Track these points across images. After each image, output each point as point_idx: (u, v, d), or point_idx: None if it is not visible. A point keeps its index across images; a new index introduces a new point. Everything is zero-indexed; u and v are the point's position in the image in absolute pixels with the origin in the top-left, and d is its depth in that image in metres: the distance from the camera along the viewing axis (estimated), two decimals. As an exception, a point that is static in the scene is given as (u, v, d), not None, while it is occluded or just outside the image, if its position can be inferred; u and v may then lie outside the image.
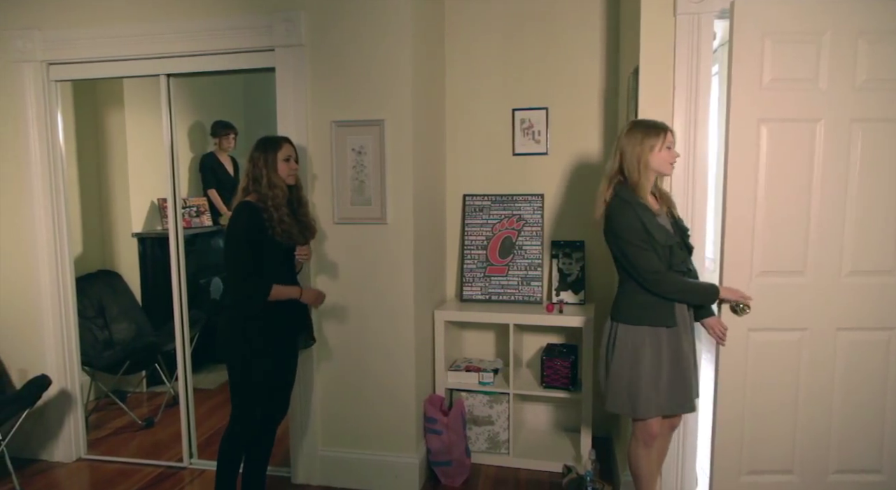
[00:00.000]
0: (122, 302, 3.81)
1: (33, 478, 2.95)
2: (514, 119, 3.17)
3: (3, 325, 3.12)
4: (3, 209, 3.05)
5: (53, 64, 2.94)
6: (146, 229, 3.97)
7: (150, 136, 3.54)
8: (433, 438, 2.81)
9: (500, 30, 3.15)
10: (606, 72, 3.06)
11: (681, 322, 2.12)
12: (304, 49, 2.64)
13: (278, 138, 2.33)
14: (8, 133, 2.99)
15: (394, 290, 2.68)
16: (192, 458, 3.06)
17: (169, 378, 3.71)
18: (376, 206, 2.65)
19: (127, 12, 2.81)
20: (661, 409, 2.12)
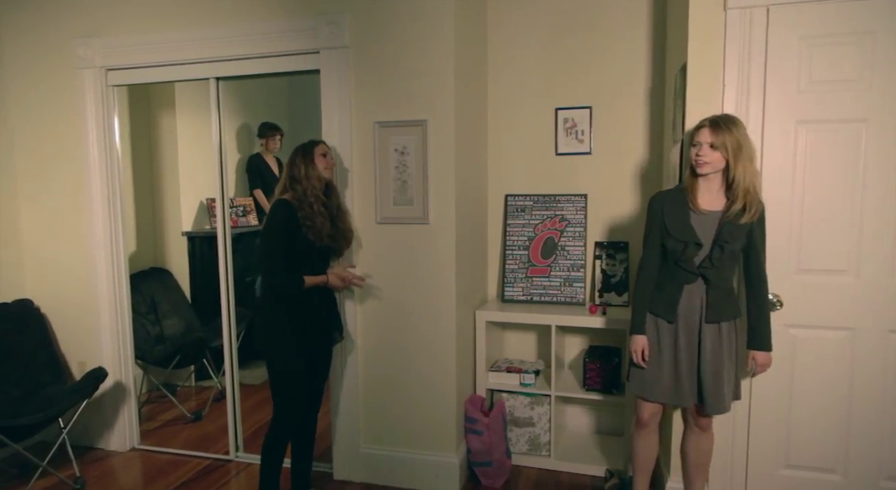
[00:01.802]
0: (172, 298, 3.95)
1: (91, 465, 3.09)
2: (557, 118, 3.14)
3: (64, 319, 3.27)
4: (64, 210, 3.19)
5: (111, 70, 3.06)
6: (195, 228, 4.10)
7: (199, 138, 3.66)
8: (474, 439, 2.81)
9: (543, 28, 3.12)
10: (652, 69, 3.00)
11: (683, 322, 2.14)
12: (348, 51, 2.67)
13: (313, 140, 2.45)
14: (70, 137, 3.13)
15: (436, 290, 2.69)
16: (238, 452, 3.14)
17: (216, 373, 3.82)
18: (418, 206, 2.66)
19: (179, 18, 2.90)
20: (654, 395, 2.22)
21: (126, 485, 2.91)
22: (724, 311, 2.13)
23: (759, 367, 2.17)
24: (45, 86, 3.14)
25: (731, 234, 2.06)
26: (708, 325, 2.12)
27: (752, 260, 2.14)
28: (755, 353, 2.16)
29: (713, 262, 2.08)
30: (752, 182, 2.05)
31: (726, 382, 2.14)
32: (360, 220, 2.74)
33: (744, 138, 2.04)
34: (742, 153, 2.02)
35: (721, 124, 2.03)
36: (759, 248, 2.13)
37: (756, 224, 2.10)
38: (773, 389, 2.36)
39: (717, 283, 2.11)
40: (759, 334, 2.15)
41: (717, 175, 2.08)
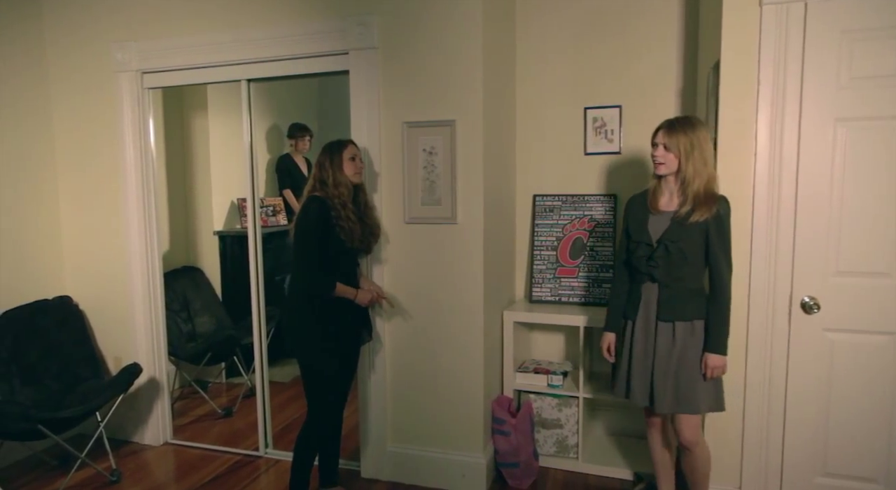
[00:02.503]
0: (204, 296, 4.02)
1: (126, 458, 3.17)
2: (586, 118, 3.11)
3: (102, 316, 3.36)
4: (102, 209, 3.28)
5: (147, 73, 3.13)
6: (226, 228, 4.17)
7: (230, 139, 3.72)
8: (501, 439, 2.80)
9: (573, 27, 3.10)
10: (684, 68, 2.95)
11: (642, 321, 2.20)
12: (377, 52, 2.69)
13: (343, 140, 2.43)
14: (107, 138, 3.21)
15: (463, 290, 2.69)
16: (268, 448, 3.19)
17: (246, 370, 3.88)
18: (446, 205, 2.66)
19: (211, 22, 2.96)
20: (620, 392, 2.30)
21: (160, 478, 2.97)
22: (677, 310, 2.13)
23: (709, 370, 2.11)
24: (85, 89, 3.24)
25: (676, 234, 2.09)
26: (662, 323, 2.16)
27: (709, 262, 2.12)
28: (707, 355, 2.11)
29: (657, 261, 2.13)
30: (704, 183, 2.06)
31: (680, 385, 2.13)
32: (388, 219, 2.75)
33: (699, 140, 2.06)
34: (694, 154, 2.05)
35: (676, 126, 2.09)
36: (717, 250, 2.08)
37: (712, 226, 2.07)
38: (810, 395, 2.30)
39: (668, 282, 2.14)
40: (711, 336, 2.12)
41: (674, 176, 2.12)
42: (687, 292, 2.13)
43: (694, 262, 2.11)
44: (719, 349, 2.10)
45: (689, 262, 2.11)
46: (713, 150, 2.13)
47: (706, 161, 2.08)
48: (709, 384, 2.14)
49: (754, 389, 2.35)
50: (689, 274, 2.13)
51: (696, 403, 2.14)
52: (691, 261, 2.11)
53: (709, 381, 2.14)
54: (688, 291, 2.14)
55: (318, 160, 2.40)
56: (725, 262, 2.11)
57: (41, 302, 3.20)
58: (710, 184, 2.09)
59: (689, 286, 2.14)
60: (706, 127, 2.12)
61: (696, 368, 2.13)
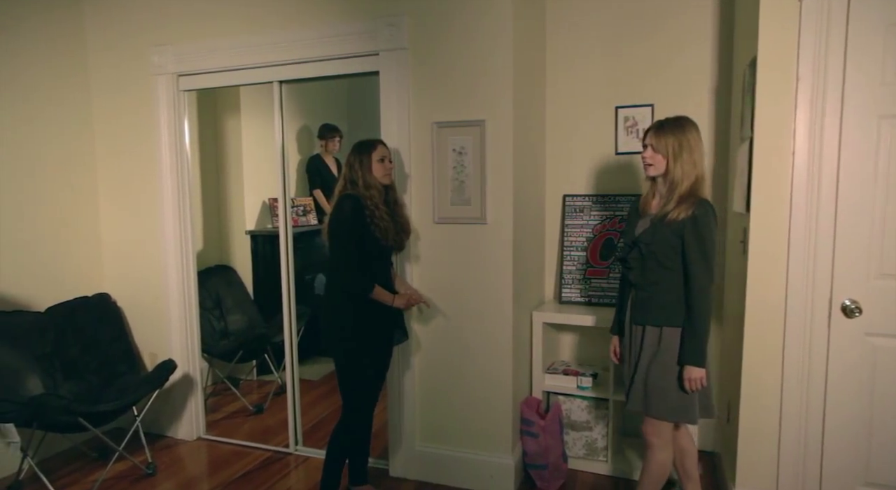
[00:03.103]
0: (236, 295, 4.10)
1: (161, 451, 3.24)
2: (618, 117, 3.07)
3: (138, 313, 3.45)
4: (138, 209, 3.37)
5: (182, 75, 3.20)
6: (258, 227, 4.24)
7: (262, 140, 3.78)
8: (529, 441, 2.78)
9: (604, 26, 3.06)
10: (719, 65, 2.89)
11: (627, 324, 2.22)
12: (407, 52, 2.70)
13: (373, 140, 2.43)
14: (144, 139, 3.30)
15: (492, 290, 2.68)
16: (298, 445, 3.22)
17: (276, 368, 3.94)
18: (476, 206, 2.66)
19: (244, 25, 3.01)
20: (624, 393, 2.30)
21: (193, 472, 3.04)
22: (647, 315, 2.10)
23: (686, 382, 2.04)
24: (124, 91, 3.33)
25: (650, 235, 2.06)
26: (634, 326, 2.16)
27: (684, 267, 2.03)
28: (684, 367, 2.03)
29: (630, 262, 2.12)
30: (691, 184, 2.02)
31: (647, 387, 2.10)
32: (417, 219, 2.76)
33: (689, 141, 2.03)
34: (682, 155, 2.02)
35: (665, 127, 2.06)
36: (692, 255, 2.00)
37: (688, 227, 1.99)
38: (851, 401, 2.23)
39: (643, 285, 2.11)
40: (684, 347, 2.04)
41: (664, 178, 2.09)
42: (661, 297, 2.07)
43: (670, 266, 2.04)
44: (692, 360, 2.01)
45: (664, 267, 2.05)
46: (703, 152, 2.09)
47: (695, 163, 2.03)
48: (674, 395, 2.07)
49: (791, 395, 2.29)
50: (665, 278, 2.06)
51: (660, 409, 2.10)
52: (667, 264, 2.05)
53: (678, 391, 2.06)
54: (662, 296, 2.07)
55: (347, 160, 2.42)
56: (702, 268, 2.00)
57: (81, 299, 3.30)
58: (697, 185, 2.04)
59: (663, 291, 2.07)
60: (696, 128, 2.07)
61: (659, 376, 2.08)
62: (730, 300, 2.81)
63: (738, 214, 2.60)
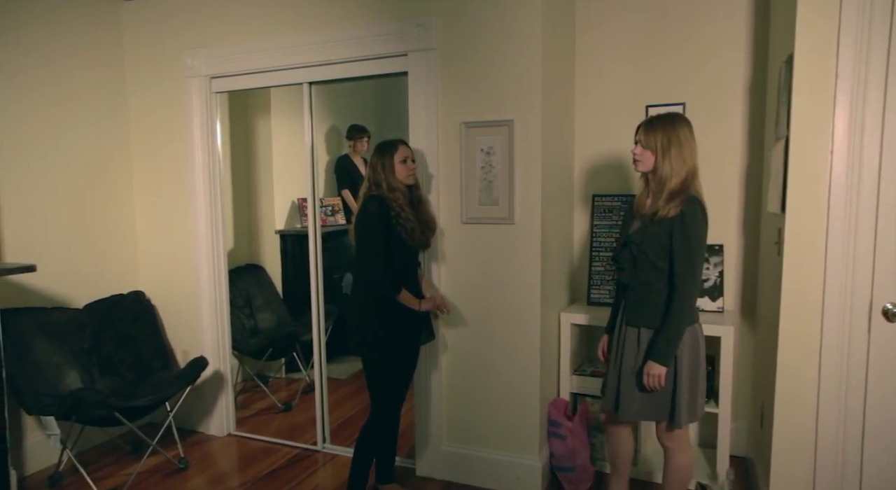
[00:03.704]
0: (265, 293, 4.16)
1: (193, 447, 3.31)
2: (648, 116, 3.03)
3: (171, 310, 3.52)
4: (172, 209, 3.44)
5: (215, 78, 3.26)
6: (287, 227, 4.29)
7: (291, 141, 3.83)
8: (556, 443, 2.76)
9: (634, 23, 3.02)
10: (753, 62, 2.83)
11: (618, 325, 2.19)
12: (436, 53, 2.71)
13: (394, 141, 2.43)
14: (178, 141, 3.37)
15: (520, 290, 2.67)
16: (325, 443, 3.26)
17: (305, 366, 3.99)
18: (504, 206, 2.65)
19: (275, 27, 3.05)
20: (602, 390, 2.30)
21: (223, 468, 3.09)
22: (642, 316, 2.08)
23: (645, 377, 2.04)
24: (159, 94, 3.40)
25: (641, 235, 2.05)
26: (628, 328, 2.12)
27: (669, 265, 2.02)
28: (647, 361, 2.04)
29: (621, 262, 2.11)
30: (682, 181, 2.00)
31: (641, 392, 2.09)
32: (445, 219, 2.77)
33: (679, 138, 2.01)
34: (671, 152, 1.99)
35: (655, 123, 2.04)
36: (677, 252, 1.99)
37: (676, 225, 1.97)
38: (893, 407, 2.14)
39: (634, 285, 2.09)
40: (654, 342, 2.04)
41: (653, 175, 2.08)
42: (655, 298, 2.05)
43: (663, 266, 2.02)
44: (658, 357, 2.01)
45: (655, 267, 2.03)
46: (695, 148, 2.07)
47: (684, 160, 2.01)
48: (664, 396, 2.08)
49: (829, 400, 2.22)
50: (658, 279, 2.04)
51: (627, 411, 2.12)
52: (659, 265, 2.02)
53: (646, 392, 2.08)
54: (656, 297, 2.05)
55: (370, 161, 2.43)
56: (686, 268, 1.98)
57: (117, 296, 3.39)
58: (689, 182, 2.02)
59: (657, 293, 2.04)
60: (689, 125, 2.05)
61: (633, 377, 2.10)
62: (763, 302, 2.75)
63: (772, 215, 2.54)
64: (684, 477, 2.20)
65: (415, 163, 2.46)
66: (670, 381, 2.07)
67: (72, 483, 2.91)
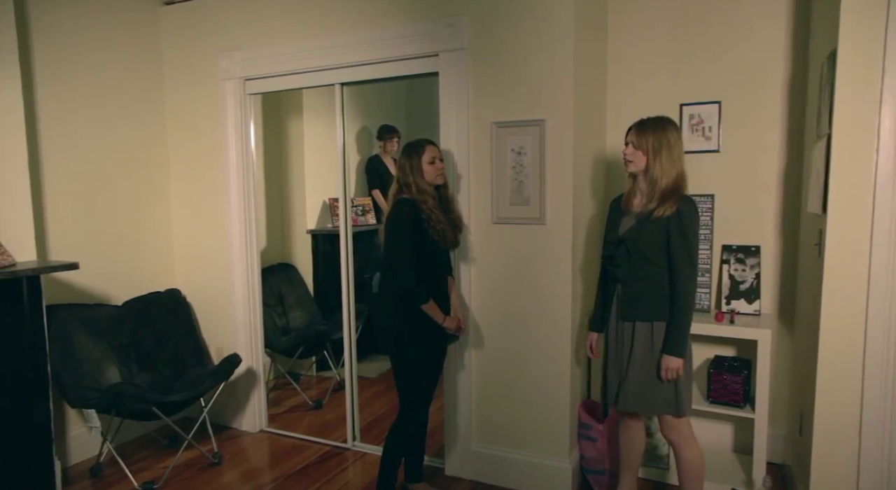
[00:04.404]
0: (297, 292, 4.21)
1: (226, 442, 3.37)
2: (682, 115, 2.98)
3: (205, 308, 3.60)
4: (207, 208, 3.51)
5: (249, 79, 3.32)
6: (318, 227, 4.34)
7: (323, 141, 3.87)
8: (587, 445, 2.73)
9: (668, 20, 2.97)
10: (793, 58, 2.76)
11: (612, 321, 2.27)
12: (466, 53, 2.70)
13: (421, 142, 2.43)
14: (212, 142, 3.44)
15: (551, 291, 2.65)
16: (355, 441, 3.28)
17: (335, 364, 4.02)
18: (535, 206, 2.63)
19: (307, 29, 3.09)
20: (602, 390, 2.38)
21: (256, 463, 3.14)
22: (637, 310, 2.17)
23: (663, 371, 2.13)
24: (194, 95, 3.48)
25: (637, 232, 2.14)
26: (623, 323, 2.22)
27: (669, 262, 2.12)
28: (662, 356, 2.13)
29: (617, 259, 2.20)
30: (672, 181, 2.10)
31: (638, 384, 2.18)
32: (475, 219, 2.76)
33: (668, 140, 2.11)
34: (662, 153, 2.10)
35: (646, 125, 2.15)
36: (676, 250, 2.10)
37: (673, 224, 2.08)
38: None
39: (630, 281, 2.19)
40: (667, 337, 2.14)
41: (644, 175, 2.17)
42: (649, 293, 2.15)
43: (656, 261, 2.13)
44: (673, 350, 2.11)
45: (650, 262, 2.13)
46: (683, 151, 2.17)
47: (674, 161, 2.12)
48: (666, 387, 2.16)
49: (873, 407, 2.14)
50: (652, 274, 2.14)
51: (651, 405, 2.19)
52: (653, 260, 2.13)
53: (667, 384, 2.16)
54: (650, 292, 2.15)
55: (399, 161, 2.45)
56: (686, 263, 2.09)
57: (154, 294, 3.47)
58: (678, 182, 2.12)
59: (651, 286, 2.15)
60: (677, 128, 2.17)
61: (652, 370, 2.17)
62: (802, 305, 2.67)
63: (812, 215, 2.47)
64: (698, 470, 2.26)
65: (443, 162, 2.46)
66: (654, 372, 2.19)
67: (111, 474, 3.00)
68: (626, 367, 2.22)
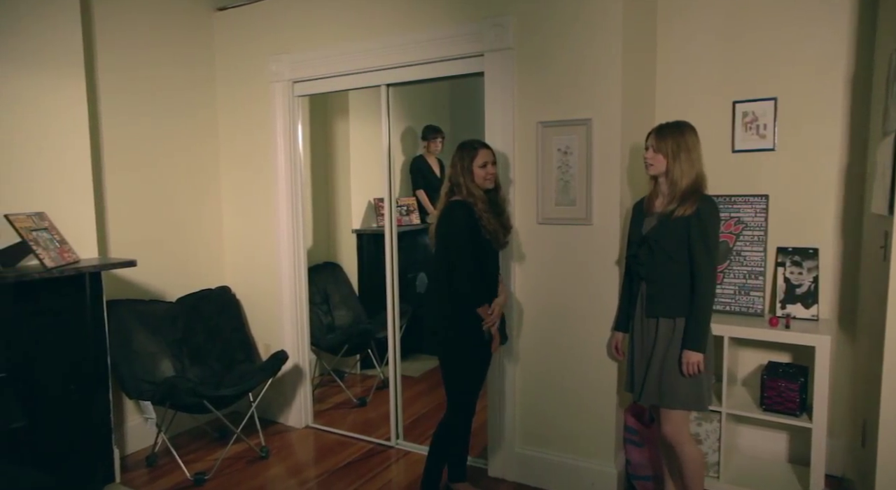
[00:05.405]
0: (342, 291, 4.27)
1: (273, 437, 3.45)
2: (735, 112, 2.88)
3: (254, 305, 3.69)
4: (256, 208, 3.61)
5: (297, 82, 3.39)
6: (363, 226, 4.39)
7: (368, 142, 3.91)
8: (633, 450, 2.68)
9: (721, 15, 2.87)
10: (857, 52, 2.63)
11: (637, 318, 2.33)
12: (512, 52, 2.69)
13: (475, 144, 2.42)
14: (262, 143, 3.52)
15: (597, 293, 2.61)
16: (399, 439, 3.31)
17: (379, 363, 4.06)
18: (581, 206, 2.60)
19: (354, 31, 3.13)
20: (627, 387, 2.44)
21: (301, 458, 3.20)
22: (660, 307, 2.23)
23: (684, 366, 2.18)
24: (245, 97, 3.57)
25: (659, 232, 2.21)
26: (648, 319, 2.28)
27: (690, 260, 2.17)
28: (683, 351, 2.18)
29: (640, 258, 2.26)
30: (691, 182, 2.17)
31: (660, 379, 2.23)
32: (521, 220, 2.75)
33: (687, 143, 2.19)
34: (681, 156, 2.18)
35: (665, 130, 2.23)
36: (697, 249, 2.15)
37: (693, 223, 2.14)
38: None
39: (653, 279, 2.25)
40: (687, 332, 2.19)
41: (665, 178, 2.23)
42: (672, 289, 2.21)
43: (679, 259, 2.19)
44: (694, 345, 2.16)
45: (673, 260, 2.19)
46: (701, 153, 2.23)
47: (693, 163, 2.19)
48: (688, 381, 2.20)
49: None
50: (674, 272, 2.20)
51: (673, 399, 2.22)
52: (676, 258, 2.19)
53: (689, 379, 2.19)
54: (673, 289, 2.21)
55: (451, 160, 2.45)
56: (705, 261, 2.15)
57: (205, 291, 3.58)
58: (698, 183, 2.19)
59: (674, 283, 2.21)
60: (695, 132, 2.23)
61: (674, 364, 2.21)
62: (865, 310, 2.55)
63: (877, 217, 2.35)
64: (700, 468, 2.29)
65: (495, 166, 2.45)
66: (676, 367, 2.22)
67: (165, 464, 3.11)
68: (649, 363, 2.27)
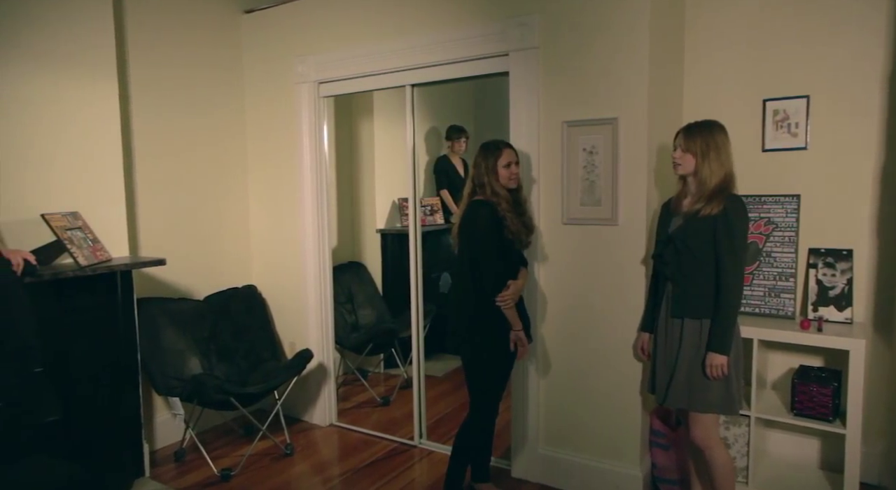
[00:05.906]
0: (366, 290, 4.30)
1: (298, 434, 3.49)
2: (765, 110, 2.82)
3: (280, 305, 3.73)
4: (282, 209, 3.65)
5: (322, 83, 3.42)
6: (387, 226, 4.41)
7: (393, 142, 3.93)
8: (659, 453, 2.64)
9: (751, 9, 2.81)
10: (892, 46, 2.56)
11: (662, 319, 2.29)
12: (537, 51, 2.67)
13: (499, 144, 2.42)
14: (288, 143, 3.56)
15: (623, 293, 2.58)
16: (422, 439, 3.31)
17: (403, 362, 4.08)
18: (606, 206, 2.57)
19: (378, 32, 3.14)
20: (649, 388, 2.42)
21: (326, 456, 3.23)
22: (686, 308, 2.19)
23: (708, 368, 2.14)
24: (271, 97, 3.62)
25: (685, 231, 2.17)
26: (673, 320, 2.24)
27: (716, 260, 2.14)
28: (707, 353, 2.15)
29: (666, 258, 2.23)
30: (720, 181, 2.14)
31: (688, 382, 2.19)
32: (545, 220, 2.73)
33: (716, 142, 2.16)
34: (710, 155, 2.15)
35: (694, 129, 2.20)
36: (723, 249, 2.12)
37: (720, 223, 2.11)
38: None
39: (679, 279, 2.21)
40: (712, 334, 2.15)
41: (693, 177, 2.21)
42: (697, 290, 2.17)
43: (704, 259, 2.15)
44: (718, 347, 2.13)
45: (699, 260, 2.16)
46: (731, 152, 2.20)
47: (722, 162, 2.16)
48: (717, 385, 2.16)
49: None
50: (700, 272, 2.16)
51: (702, 402, 2.18)
52: (701, 258, 2.15)
53: (719, 382, 2.15)
54: (698, 289, 2.17)
55: (475, 160, 2.45)
56: (732, 261, 2.11)
57: (232, 289, 3.64)
58: (726, 182, 2.16)
59: (699, 284, 2.17)
60: (724, 131, 2.20)
61: (701, 367, 2.17)
62: (902, 314, 2.48)
63: (915, 217, 2.28)
64: (730, 473, 2.25)
65: (518, 166, 2.45)
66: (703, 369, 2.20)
67: (193, 459, 3.16)
68: (675, 365, 2.23)
